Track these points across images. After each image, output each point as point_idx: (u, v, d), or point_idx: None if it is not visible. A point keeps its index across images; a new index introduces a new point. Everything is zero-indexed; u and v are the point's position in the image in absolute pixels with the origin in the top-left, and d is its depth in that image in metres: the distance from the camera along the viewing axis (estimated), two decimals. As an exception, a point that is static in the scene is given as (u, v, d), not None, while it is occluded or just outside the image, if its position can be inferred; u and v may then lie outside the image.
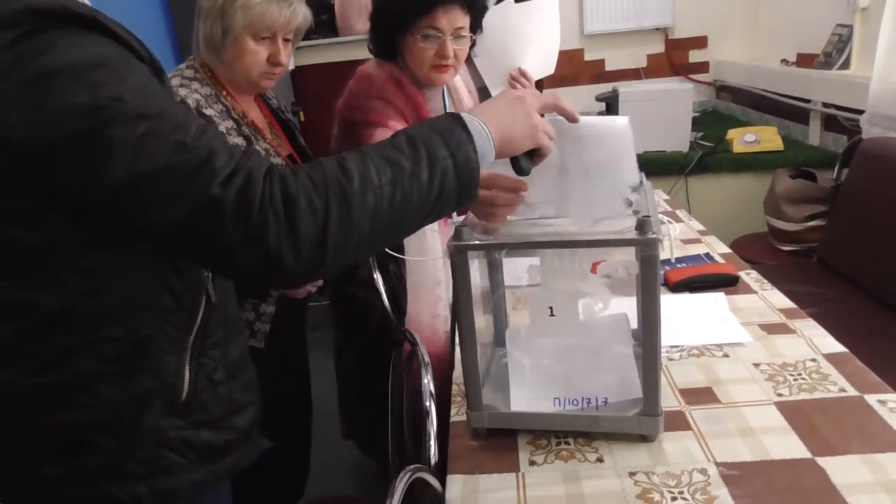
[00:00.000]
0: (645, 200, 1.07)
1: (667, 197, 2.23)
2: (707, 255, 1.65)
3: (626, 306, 1.06)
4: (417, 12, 1.49)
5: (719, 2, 3.56)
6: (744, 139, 2.73)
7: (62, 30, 0.66)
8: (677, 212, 2.04)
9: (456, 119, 0.80)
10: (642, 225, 0.90)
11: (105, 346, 0.77)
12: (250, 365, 0.98)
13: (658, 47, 3.68)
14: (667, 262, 1.60)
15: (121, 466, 0.81)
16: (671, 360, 1.21)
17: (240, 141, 1.34)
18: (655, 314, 0.93)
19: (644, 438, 0.98)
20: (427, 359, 1.14)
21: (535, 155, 0.90)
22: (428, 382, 1.08)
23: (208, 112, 1.30)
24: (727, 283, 1.49)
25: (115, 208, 0.68)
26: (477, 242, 0.96)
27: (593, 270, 1.04)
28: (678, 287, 1.48)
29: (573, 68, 3.70)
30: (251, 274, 0.72)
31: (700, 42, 3.67)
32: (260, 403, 0.98)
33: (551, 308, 1.00)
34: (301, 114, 3.56)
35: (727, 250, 1.72)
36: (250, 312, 1.41)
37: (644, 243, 0.90)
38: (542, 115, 0.89)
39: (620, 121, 1.05)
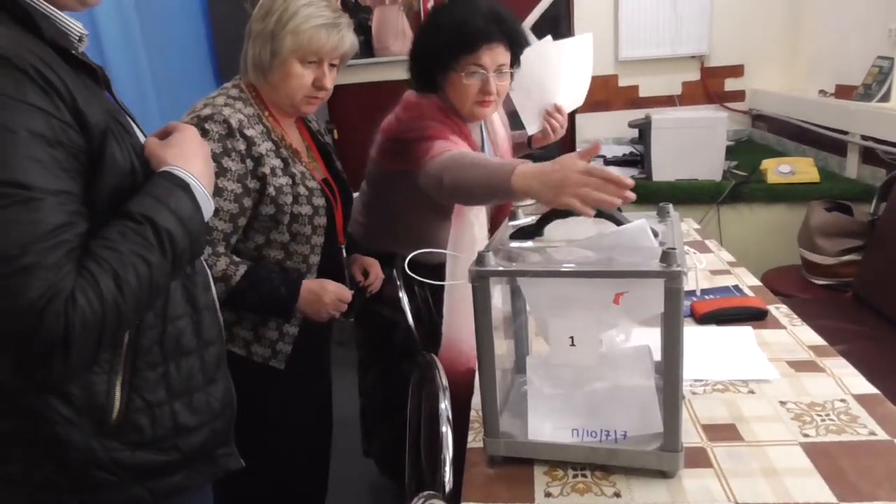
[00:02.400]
0: (671, 231, 1.06)
1: (697, 226, 2.20)
2: (736, 287, 1.62)
3: (649, 336, 1.04)
4: (462, 50, 1.52)
5: (756, 31, 3.54)
6: (779, 170, 2.69)
7: None
8: (707, 242, 2.01)
9: (183, 188, 0.86)
10: (667, 257, 0.89)
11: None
12: (209, 386, 0.96)
13: (693, 75, 3.66)
14: (693, 293, 1.58)
15: (47, 476, 0.83)
16: (694, 394, 1.19)
17: (277, 163, 1.36)
18: (678, 348, 0.92)
19: (663, 474, 0.96)
20: (445, 383, 1.14)
21: None
22: (445, 408, 1.08)
23: (249, 132, 1.32)
24: (755, 316, 1.46)
25: None
26: (499, 269, 0.96)
27: (616, 301, 1.03)
28: (705, 319, 1.45)
29: (607, 94, 3.70)
30: (20, 371, 0.75)
31: (736, 70, 3.64)
32: (221, 425, 0.97)
33: (572, 338, 0.99)
34: (335, 131, 3.62)
35: (756, 283, 1.68)
36: (273, 332, 1.42)
37: (668, 276, 0.89)
38: None
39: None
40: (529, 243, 1.09)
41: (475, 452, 1.06)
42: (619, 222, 1.05)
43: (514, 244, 1.08)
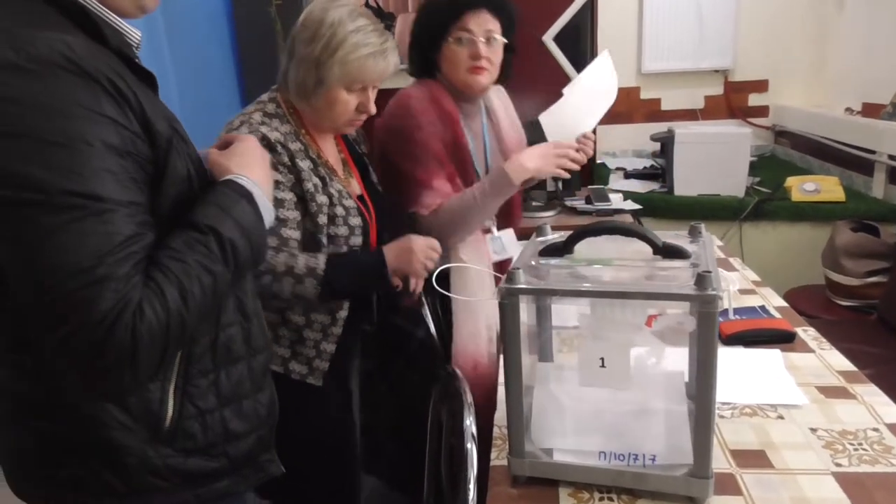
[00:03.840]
0: (704, 252, 1.04)
1: (720, 243, 2.17)
2: (762, 308, 1.59)
3: (677, 355, 1.02)
4: (449, 17, 1.61)
5: (781, 46, 3.51)
6: (803, 187, 2.66)
7: (49, 78, 0.70)
8: (731, 260, 1.98)
9: (248, 200, 0.88)
10: (702, 280, 0.87)
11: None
12: (257, 394, 0.98)
13: (717, 89, 3.63)
14: (721, 313, 1.55)
15: (102, 482, 0.84)
16: (722, 417, 1.17)
17: (317, 181, 1.35)
18: (711, 373, 0.89)
19: (692, 501, 0.94)
20: (470, 399, 1.12)
21: None
22: (470, 424, 1.06)
23: (293, 146, 1.31)
24: (783, 339, 1.43)
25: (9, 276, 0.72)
26: (529, 287, 0.94)
27: (648, 323, 1.00)
28: (732, 340, 1.43)
29: (629, 106, 3.67)
30: (87, 382, 0.76)
31: (760, 86, 3.61)
32: (266, 432, 0.99)
33: (602, 359, 0.97)
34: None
35: (783, 303, 1.66)
36: (311, 349, 1.40)
37: (703, 300, 0.87)
38: None
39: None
40: (559, 261, 1.07)
41: (498, 471, 1.05)
42: (652, 242, 1.03)
43: (544, 261, 1.07)
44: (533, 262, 1.03)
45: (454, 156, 1.66)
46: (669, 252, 1.00)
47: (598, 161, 3.57)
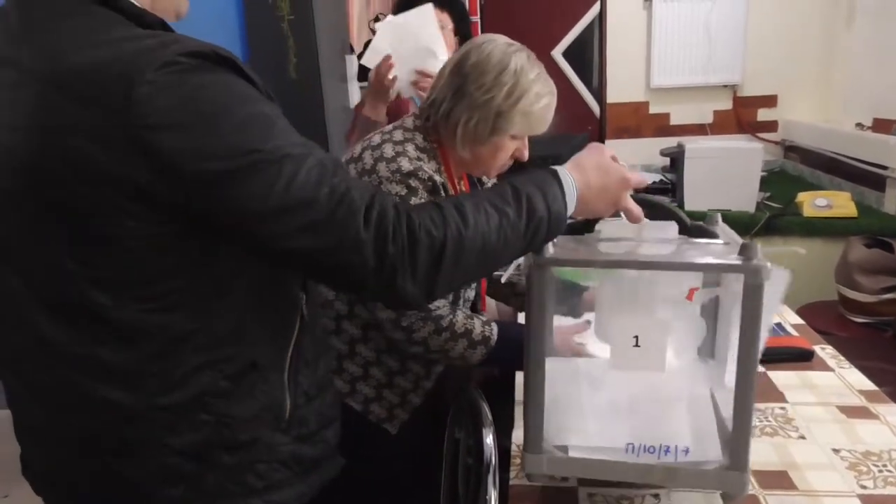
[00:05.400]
0: (730, 236, 0.98)
1: (733, 259, 2.16)
2: (779, 325, 1.58)
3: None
4: (403, 11, 1.96)
5: (791, 61, 3.51)
6: (815, 203, 2.65)
7: (215, 71, 0.73)
8: (745, 276, 1.97)
9: (554, 176, 0.88)
10: (747, 249, 0.82)
11: (223, 366, 0.81)
12: (333, 382, 1.04)
13: (725, 104, 3.63)
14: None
15: (241, 482, 0.84)
16: (743, 437, 1.15)
17: None
18: (754, 351, 0.84)
19: (725, 499, 0.90)
20: (490, 417, 1.11)
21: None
22: (491, 443, 1.05)
23: (440, 179, 1.29)
24: (801, 357, 1.42)
25: (263, 235, 0.74)
26: (563, 258, 0.89)
27: (690, 296, 0.91)
28: (749, 358, 1.42)
29: (637, 120, 3.68)
30: (374, 294, 0.81)
31: (769, 101, 3.61)
32: (339, 420, 1.01)
33: (637, 338, 0.88)
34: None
35: (799, 321, 1.65)
36: (396, 397, 1.35)
37: (750, 270, 0.81)
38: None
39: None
40: (581, 239, 0.99)
41: (518, 490, 1.04)
42: (681, 220, 0.99)
43: (564, 240, 0.96)
44: (552, 243, 0.92)
45: None
46: (698, 233, 0.97)
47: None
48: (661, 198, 2.57)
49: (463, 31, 2.07)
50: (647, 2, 3.51)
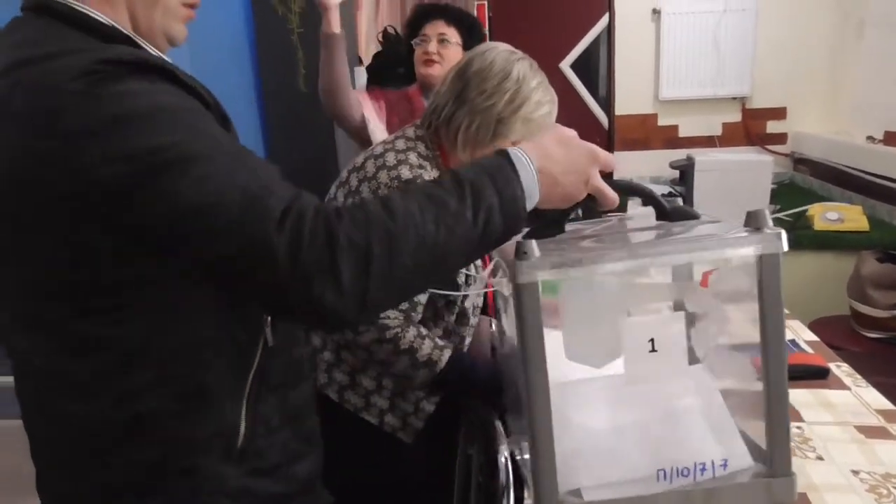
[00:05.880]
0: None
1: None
2: (793, 342, 1.57)
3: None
4: (414, 27, 2.16)
5: (800, 73, 3.50)
6: (826, 216, 2.63)
7: (136, 78, 0.71)
8: (757, 291, 1.96)
9: (503, 156, 0.79)
10: (754, 217, 0.73)
11: (174, 385, 0.78)
12: (313, 414, 0.96)
13: (734, 116, 3.62)
14: (751, 347, 1.52)
15: None
16: (759, 457, 1.14)
17: None
18: (780, 336, 0.75)
19: None
20: (503, 431, 1.09)
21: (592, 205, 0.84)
22: (507, 459, 1.03)
23: None
24: (817, 375, 1.41)
25: (177, 242, 0.71)
26: (559, 260, 0.72)
27: (704, 282, 0.82)
28: (764, 375, 1.40)
29: (645, 132, 3.68)
30: (298, 313, 0.73)
31: (778, 113, 3.60)
32: (319, 454, 0.96)
33: (652, 341, 0.75)
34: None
35: (813, 337, 1.63)
36: (409, 405, 1.35)
37: (764, 239, 0.71)
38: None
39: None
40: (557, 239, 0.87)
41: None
42: (659, 203, 0.87)
43: (539, 242, 0.80)
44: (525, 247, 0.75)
45: None
46: (678, 215, 0.86)
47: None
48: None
49: (471, 47, 2.08)
50: (656, 14, 3.51)
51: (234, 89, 2.80)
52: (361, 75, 3.46)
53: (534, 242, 0.72)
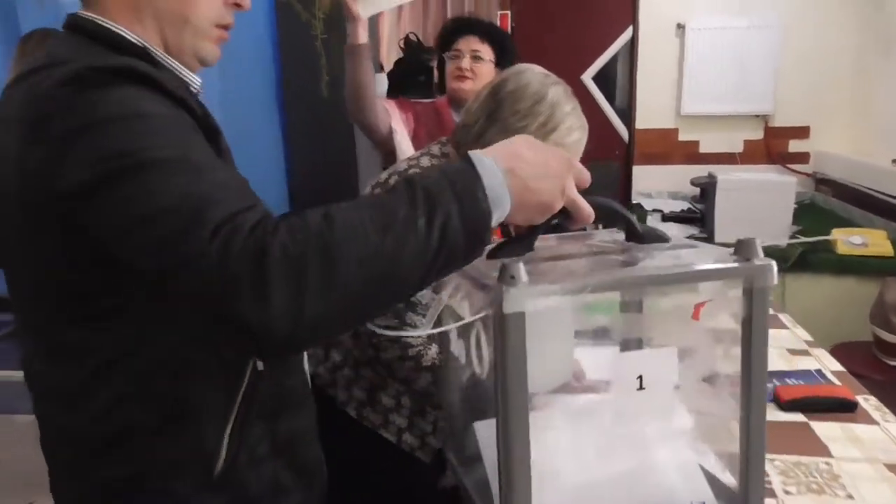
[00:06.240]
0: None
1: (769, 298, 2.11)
2: (819, 372, 1.54)
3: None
4: (446, 41, 2.15)
5: (824, 93, 3.47)
6: (850, 240, 2.60)
7: (119, 85, 0.71)
8: (781, 316, 1.93)
9: (465, 159, 0.70)
10: (745, 247, 0.71)
11: (152, 400, 0.78)
12: (313, 445, 0.93)
13: (756, 133, 3.59)
14: (776, 374, 1.50)
15: None
16: (788, 493, 1.11)
17: None
18: (763, 371, 0.73)
19: None
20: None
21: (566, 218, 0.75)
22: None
23: None
24: (843, 407, 1.38)
25: (131, 251, 0.68)
26: (553, 286, 0.64)
27: (695, 314, 0.78)
28: (790, 406, 1.38)
29: (666, 147, 3.65)
30: (232, 332, 0.66)
31: (801, 132, 3.56)
32: (318, 487, 0.93)
33: (641, 378, 0.70)
34: (390, 169, 3.63)
35: (839, 367, 1.60)
36: (428, 425, 1.34)
37: (755, 272, 0.69)
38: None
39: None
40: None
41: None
42: (630, 224, 0.82)
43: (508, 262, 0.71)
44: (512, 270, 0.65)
45: None
46: (650, 238, 0.81)
47: (634, 202, 3.54)
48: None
49: (503, 64, 2.08)
50: (680, 28, 3.49)
51: (256, 93, 2.80)
52: (382, 82, 3.47)
53: (521, 265, 0.63)
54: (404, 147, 2.01)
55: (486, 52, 2.09)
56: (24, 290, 0.80)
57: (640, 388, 0.71)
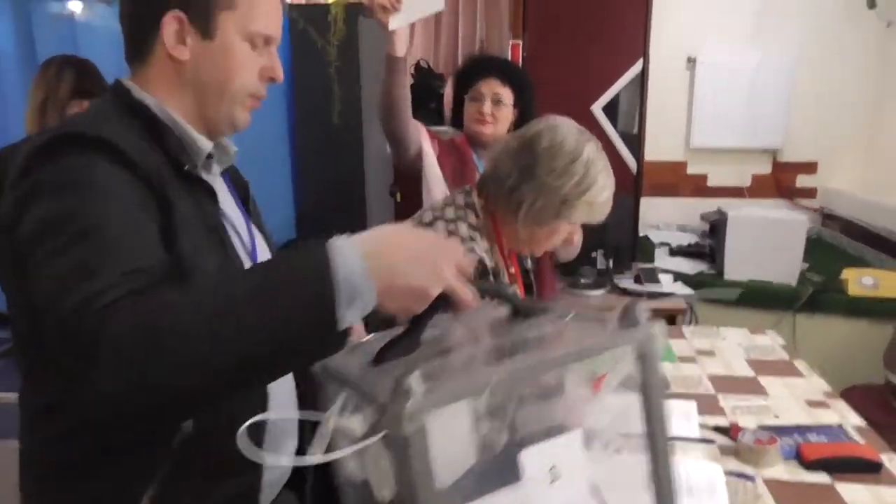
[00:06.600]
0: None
1: (782, 341, 2.10)
2: (840, 427, 1.52)
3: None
4: (468, 81, 2.06)
5: (833, 129, 3.47)
6: (861, 281, 2.59)
7: (75, 153, 0.76)
8: (796, 363, 1.91)
9: (323, 248, 0.66)
10: (630, 314, 0.70)
11: (80, 443, 0.79)
12: None
13: (765, 168, 3.59)
14: (798, 429, 1.48)
15: None
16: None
17: None
18: (663, 430, 0.71)
19: None
20: None
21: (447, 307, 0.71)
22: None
23: (490, 262, 1.24)
24: (868, 468, 1.36)
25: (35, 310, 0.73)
26: (449, 393, 0.59)
27: (596, 387, 0.73)
28: (815, 466, 1.35)
29: (675, 179, 3.65)
30: (74, 395, 0.67)
31: (810, 167, 3.57)
32: None
33: (553, 468, 0.66)
34: (398, 195, 3.62)
35: (860, 422, 1.58)
36: None
37: (643, 336, 0.69)
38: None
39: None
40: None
41: None
42: (517, 306, 0.77)
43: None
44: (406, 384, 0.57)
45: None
46: (531, 312, 0.78)
47: (642, 234, 3.53)
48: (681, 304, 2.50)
49: (521, 106, 2.06)
50: (691, 62, 3.50)
51: (267, 116, 2.80)
52: (392, 108, 3.47)
53: (417, 375, 0.56)
54: (430, 172, 1.95)
55: (507, 95, 2.04)
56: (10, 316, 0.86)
57: (552, 480, 0.65)
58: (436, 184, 1.93)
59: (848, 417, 1.59)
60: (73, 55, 2.01)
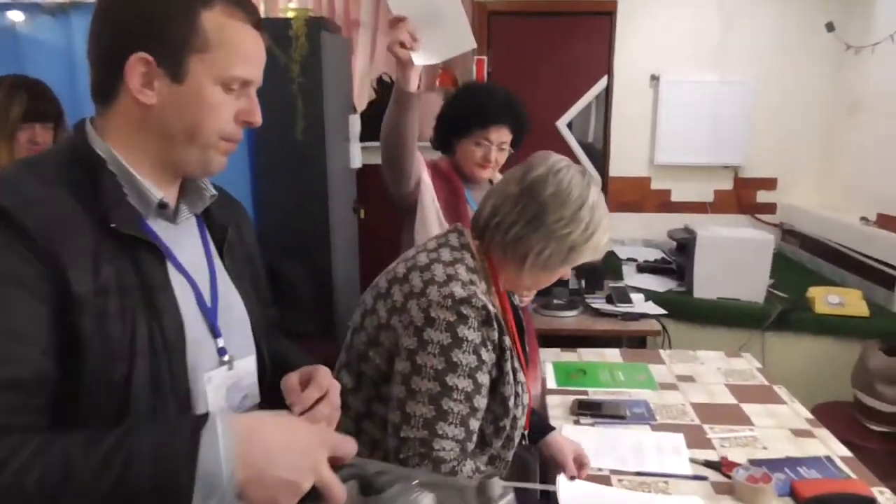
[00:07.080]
0: None
1: (759, 364, 2.10)
2: (828, 458, 1.50)
3: None
4: (476, 126, 1.86)
5: (792, 147, 3.56)
6: (827, 300, 2.63)
7: None
8: (776, 389, 1.90)
9: (192, 436, 0.65)
10: (486, 489, 0.75)
11: None
12: None
13: (727, 184, 3.65)
14: (787, 462, 1.46)
15: None
16: None
17: (508, 353, 1.21)
18: None
19: None
20: None
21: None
22: None
23: (492, 306, 1.19)
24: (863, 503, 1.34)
25: None
26: None
27: None
28: (810, 503, 1.33)
29: (640, 195, 3.67)
30: None
31: (769, 183, 3.64)
32: None
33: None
34: (362, 211, 3.53)
35: (847, 453, 1.57)
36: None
37: None
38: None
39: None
40: None
41: None
42: (372, 487, 0.77)
43: None
44: None
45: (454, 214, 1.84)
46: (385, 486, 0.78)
47: (609, 250, 3.53)
48: (654, 324, 2.48)
49: (512, 144, 1.94)
50: (654, 80, 3.52)
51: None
52: (355, 123, 3.38)
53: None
54: (428, 205, 1.83)
55: (505, 135, 1.91)
56: None
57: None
58: (431, 214, 1.83)
59: (833, 448, 1.58)
60: (24, 76, 1.87)
